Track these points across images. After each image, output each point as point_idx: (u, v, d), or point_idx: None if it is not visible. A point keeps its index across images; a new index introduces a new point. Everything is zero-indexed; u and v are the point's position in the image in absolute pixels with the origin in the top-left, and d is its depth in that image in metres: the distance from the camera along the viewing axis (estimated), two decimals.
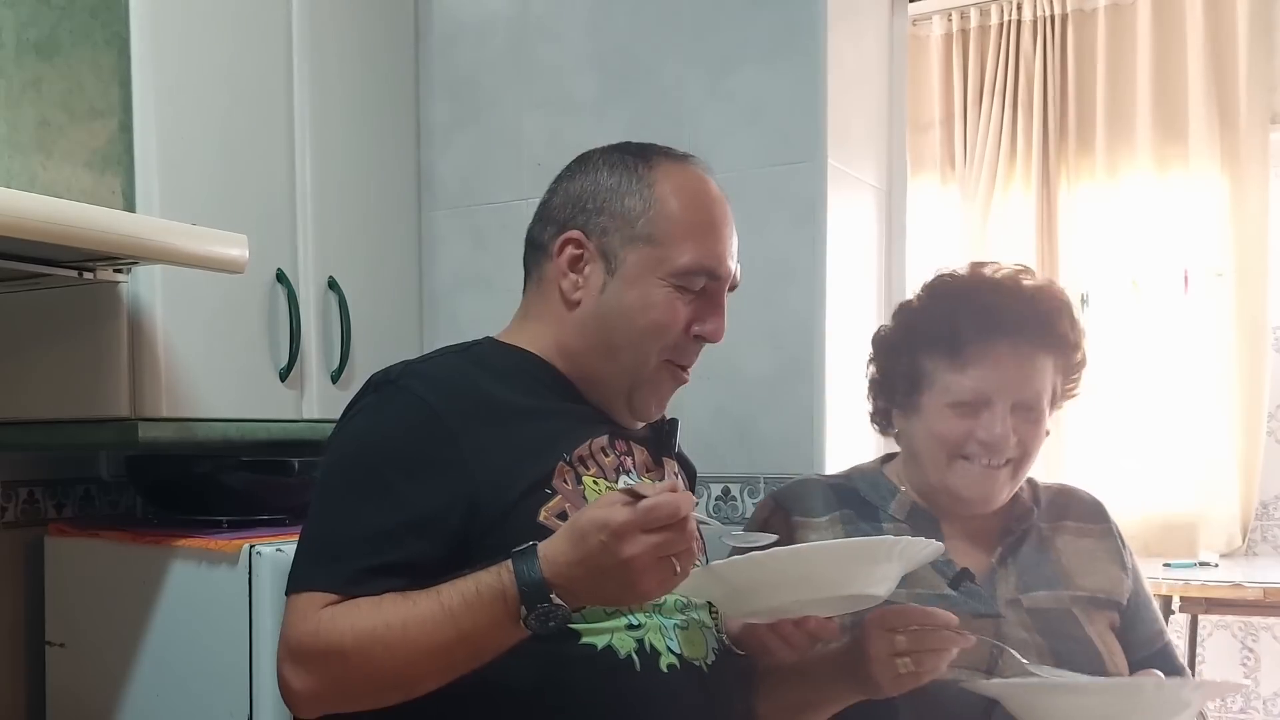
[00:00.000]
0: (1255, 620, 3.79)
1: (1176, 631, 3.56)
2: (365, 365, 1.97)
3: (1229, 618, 3.79)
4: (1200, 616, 3.42)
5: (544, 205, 1.30)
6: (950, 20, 4.08)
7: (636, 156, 1.26)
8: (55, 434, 1.72)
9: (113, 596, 1.77)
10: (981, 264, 1.49)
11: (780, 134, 1.89)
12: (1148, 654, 1.45)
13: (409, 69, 2.21)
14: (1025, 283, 1.44)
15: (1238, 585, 3.11)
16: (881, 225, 2.10)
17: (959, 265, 1.51)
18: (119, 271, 1.61)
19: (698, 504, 1.33)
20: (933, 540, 1.18)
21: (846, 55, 1.94)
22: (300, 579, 1.13)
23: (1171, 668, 1.45)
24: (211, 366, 1.75)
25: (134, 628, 1.74)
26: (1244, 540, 3.74)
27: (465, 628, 1.04)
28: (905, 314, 1.50)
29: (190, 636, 1.69)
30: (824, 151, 1.86)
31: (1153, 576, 3.20)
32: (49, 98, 1.55)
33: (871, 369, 1.54)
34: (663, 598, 1.15)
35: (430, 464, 1.13)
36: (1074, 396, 1.49)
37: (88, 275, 1.56)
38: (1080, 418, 3.88)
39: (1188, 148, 3.74)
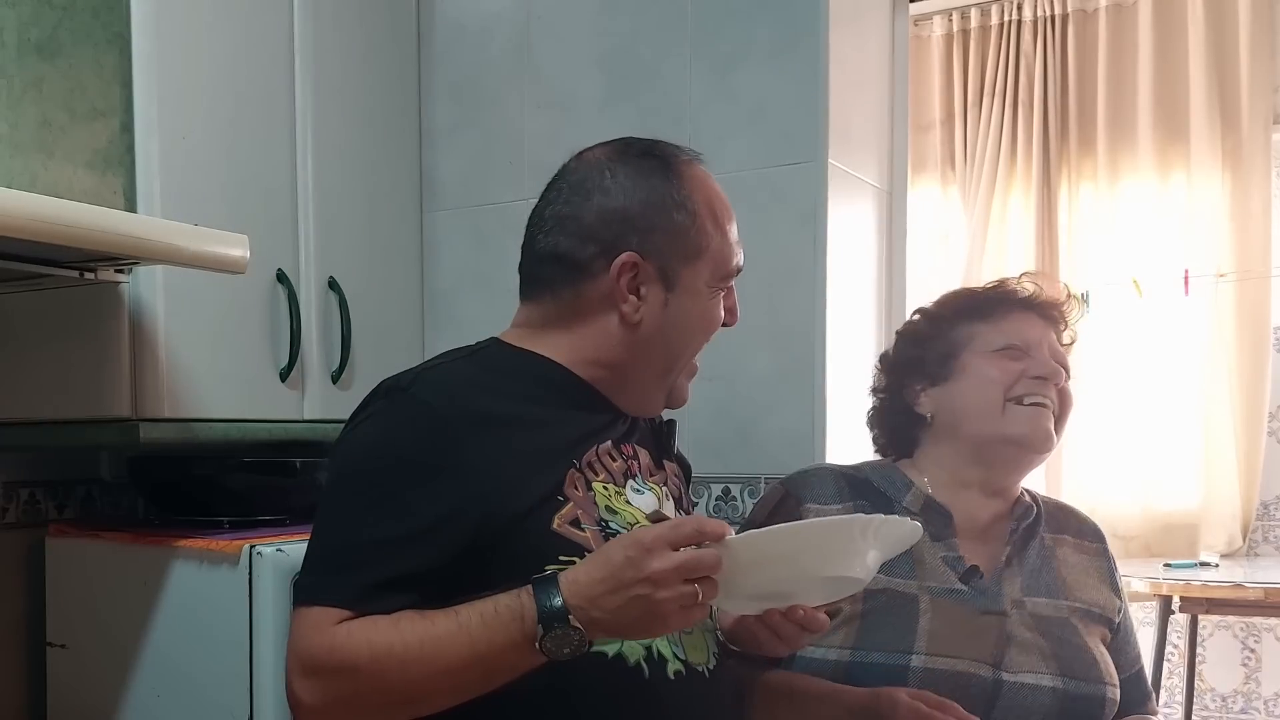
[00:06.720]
0: (1257, 620, 3.78)
1: (1177, 632, 3.55)
2: (366, 366, 1.97)
3: (1230, 618, 3.78)
4: (1201, 617, 3.41)
5: (570, 219, 1.23)
6: (951, 20, 4.07)
7: (659, 161, 1.24)
8: (56, 435, 1.73)
9: (114, 597, 1.77)
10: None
11: (782, 134, 1.89)
12: (1126, 676, 1.48)
13: (411, 69, 2.21)
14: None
15: (1238, 585, 3.10)
16: (882, 225, 2.10)
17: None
18: (120, 272, 1.61)
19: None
20: (908, 520, 1.17)
21: (848, 56, 1.94)
22: (311, 590, 1.12)
23: (1141, 692, 1.52)
24: (212, 367, 1.75)
25: (135, 628, 1.74)
26: (1245, 540, 3.74)
27: (480, 648, 1.04)
28: (925, 312, 1.58)
29: (191, 637, 1.69)
30: (825, 151, 1.86)
31: (1153, 576, 3.20)
32: (50, 98, 1.55)
33: (880, 381, 1.58)
34: None
35: (438, 472, 1.12)
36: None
37: (89, 276, 1.56)
38: (1081, 418, 3.87)
39: (1189, 148, 3.74)
